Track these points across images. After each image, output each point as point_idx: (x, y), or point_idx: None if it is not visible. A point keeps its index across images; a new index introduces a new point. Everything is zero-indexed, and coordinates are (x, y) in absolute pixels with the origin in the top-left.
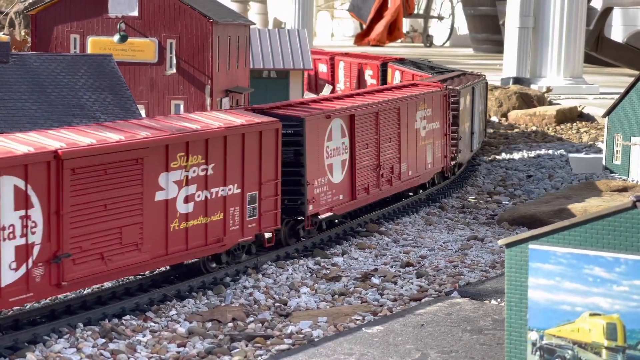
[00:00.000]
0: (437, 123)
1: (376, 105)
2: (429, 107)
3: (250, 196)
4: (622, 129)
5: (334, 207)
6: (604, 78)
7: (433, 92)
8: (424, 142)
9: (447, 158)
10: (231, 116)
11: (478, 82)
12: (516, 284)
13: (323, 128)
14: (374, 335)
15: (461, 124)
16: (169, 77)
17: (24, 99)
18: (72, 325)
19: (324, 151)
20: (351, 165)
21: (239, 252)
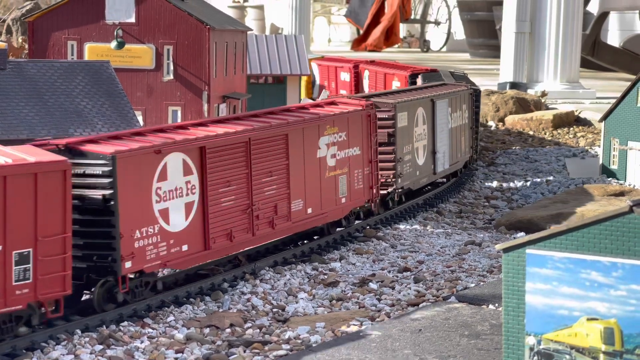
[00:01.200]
0: (356, 149)
1: (245, 133)
2: (342, 131)
3: (19, 255)
4: (618, 134)
5: (171, 261)
6: (600, 82)
7: (349, 113)
8: (333, 173)
9: (374, 189)
10: None
11: (451, 93)
12: (514, 288)
13: (151, 165)
14: (371, 340)
15: (403, 145)
16: (166, 83)
17: (22, 105)
18: (70, 331)
19: (153, 194)
20: (202, 208)
21: None
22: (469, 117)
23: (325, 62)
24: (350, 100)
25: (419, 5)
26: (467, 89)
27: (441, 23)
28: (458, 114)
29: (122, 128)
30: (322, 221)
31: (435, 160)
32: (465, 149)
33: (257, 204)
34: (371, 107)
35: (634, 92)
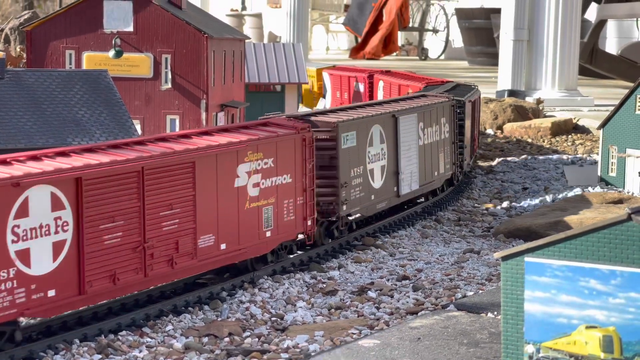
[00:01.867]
0: (286, 176)
1: (137, 161)
2: (268, 156)
3: None
4: (617, 141)
5: (31, 309)
6: (598, 90)
7: (277, 137)
8: (255, 204)
9: (309, 220)
10: None
11: (423, 106)
12: (512, 296)
13: (6, 201)
14: (370, 349)
15: (350, 168)
16: (164, 92)
17: (20, 114)
18: (68, 341)
19: (8, 234)
20: (77, 248)
21: None
22: (450, 131)
23: (338, 71)
24: (285, 121)
25: (417, 14)
26: (448, 101)
27: (439, 31)
28: (434, 129)
29: (121, 137)
30: (241, 257)
31: (398, 182)
32: (444, 166)
33: (152, 241)
34: (307, 129)
35: (632, 99)
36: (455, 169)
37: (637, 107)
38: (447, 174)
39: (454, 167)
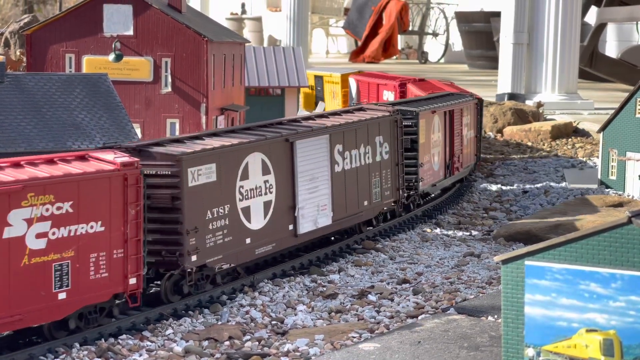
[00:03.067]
0: (94, 224)
1: None
2: (64, 199)
3: None
4: (617, 144)
5: None
6: (598, 94)
7: (82, 175)
8: (38, 260)
9: (133, 277)
10: None
11: (345, 125)
12: (513, 300)
13: None
14: (370, 352)
15: (207, 209)
16: (164, 96)
17: (19, 118)
18: (68, 345)
19: None
20: None
21: None
22: (391, 150)
23: (366, 77)
24: (106, 156)
25: (416, 17)
26: (389, 115)
27: (439, 34)
28: (362, 150)
29: (121, 141)
30: (18, 325)
31: (296, 219)
32: (381, 193)
33: None
34: (132, 166)
35: (632, 103)
36: (400, 194)
37: (637, 111)
38: (386, 201)
39: (399, 193)
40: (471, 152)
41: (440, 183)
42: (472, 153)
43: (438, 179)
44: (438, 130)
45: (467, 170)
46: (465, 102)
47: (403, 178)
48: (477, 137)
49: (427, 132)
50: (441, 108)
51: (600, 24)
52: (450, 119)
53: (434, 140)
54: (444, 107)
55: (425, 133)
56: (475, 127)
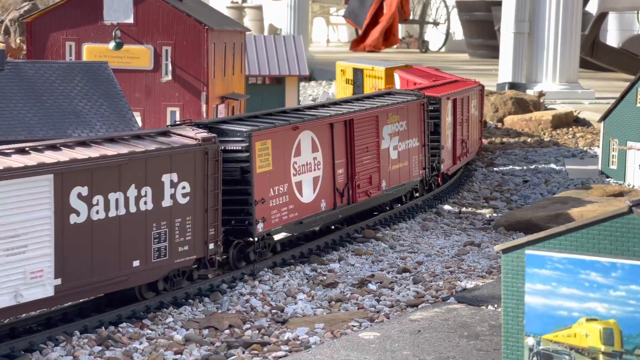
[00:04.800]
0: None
1: None
2: None
3: None
4: (617, 134)
5: None
6: (599, 83)
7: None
8: None
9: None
10: None
11: None
12: (513, 289)
13: None
14: (370, 341)
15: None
16: (164, 84)
17: (20, 106)
18: (69, 333)
19: None
20: None
21: None
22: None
23: (411, 75)
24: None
25: (417, 6)
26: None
27: (440, 23)
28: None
29: (121, 129)
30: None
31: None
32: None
33: None
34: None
35: (633, 92)
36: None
37: (638, 100)
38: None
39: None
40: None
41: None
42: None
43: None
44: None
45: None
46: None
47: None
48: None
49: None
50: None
51: (601, 13)
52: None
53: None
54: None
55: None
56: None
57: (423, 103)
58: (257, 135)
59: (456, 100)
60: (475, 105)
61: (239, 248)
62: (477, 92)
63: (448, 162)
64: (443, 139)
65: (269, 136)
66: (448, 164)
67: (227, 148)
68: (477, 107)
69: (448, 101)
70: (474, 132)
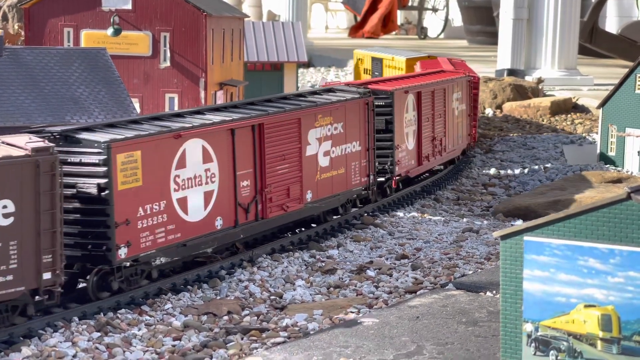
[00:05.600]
0: None
1: None
2: None
3: None
4: (616, 120)
5: None
6: (598, 69)
7: None
8: None
9: None
10: None
11: None
12: (511, 275)
13: None
14: (369, 327)
15: None
16: (163, 71)
17: (18, 92)
18: (67, 319)
19: None
20: None
21: None
22: None
23: (432, 67)
24: None
25: None
26: None
27: (439, 10)
28: None
29: (119, 115)
30: None
31: None
32: None
33: None
34: None
35: (632, 78)
36: None
37: (636, 86)
38: None
39: None
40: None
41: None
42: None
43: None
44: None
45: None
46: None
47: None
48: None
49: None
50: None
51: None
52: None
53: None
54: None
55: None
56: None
57: (367, 101)
58: (120, 146)
59: (421, 93)
60: (460, 97)
61: (100, 276)
62: (463, 83)
63: (408, 163)
64: (399, 138)
65: (138, 146)
66: (408, 165)
67: (83, 161)
68: (464, 99)
69: (407, 95)
70: (459, 127)
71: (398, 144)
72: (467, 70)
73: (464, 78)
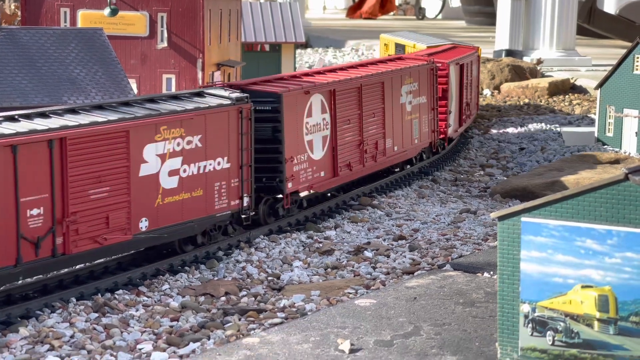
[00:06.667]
0: None
1: None
2: None
3: None
4: (614, 101)
5: None
6: (596, 50)
7: None
8: None
9: None
10: None
11: None
12: (508, 256)
13: None
14: (366, 308)
15: None
16: (160, 51)
17: (14, 73)
18: (65, 299)
19: None
20: None
21: None
22: None
23: (450, 57)
24: None
25: None
26: None
27: None
28: None
29: (116, 96)
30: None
31: None
32: None
33: None
34: None
35: (630, 59)
36: None
37: (634, 67)
38: None
39: None
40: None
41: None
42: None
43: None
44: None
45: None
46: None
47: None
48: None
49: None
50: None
51: None
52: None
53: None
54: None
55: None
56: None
57: (241, 108)
58: None
59: (334, 91)
60: (416, 89)
61: None
62: (421, 72)
63: (314, 177)
64: (294, 149)
65: None
66: (315, 179)
67: None
68: (424, 91)
69: (308, 96)
70: (414, 124)
71: (292, 155)
72: None
73: (424, 66)
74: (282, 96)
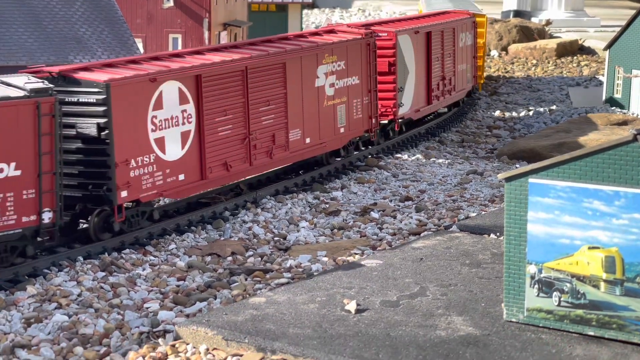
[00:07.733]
0: None
1: None
2: None
3: None
4: (623, 62)
5: None
6: (605, 11)
7: None
8: None
9: (371, 121)
10: None
11: None
12: (515, 217)
13: None
14: (373, 269)
15: None
16: (166, 11)
17: (20, 31)
18: (72, 258)
19: None
20: None
21: None
22: None
23: None
24: None
25: None
26: None
27: None
28: None
29: (122, 55)
30: (325, 149)
31: None
32: None
33: None
34: None
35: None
36: None
37: None
38: None
39: None
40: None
41: None
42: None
43: None
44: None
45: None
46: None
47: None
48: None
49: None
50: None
51: None
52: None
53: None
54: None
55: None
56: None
57: (37, 103)
58: None
59: (199, 78)
60: (339, 69)
61: None
62: (354, 46)
63: (163, 182)
64: (125, 151)
65: None
66: (160, 187)
67: None
68: (360, 70)
69: (155, 85)
70: (327, 116)
71: (128, 157)
72: None
73: (355, 41)
74: (109, 86)
